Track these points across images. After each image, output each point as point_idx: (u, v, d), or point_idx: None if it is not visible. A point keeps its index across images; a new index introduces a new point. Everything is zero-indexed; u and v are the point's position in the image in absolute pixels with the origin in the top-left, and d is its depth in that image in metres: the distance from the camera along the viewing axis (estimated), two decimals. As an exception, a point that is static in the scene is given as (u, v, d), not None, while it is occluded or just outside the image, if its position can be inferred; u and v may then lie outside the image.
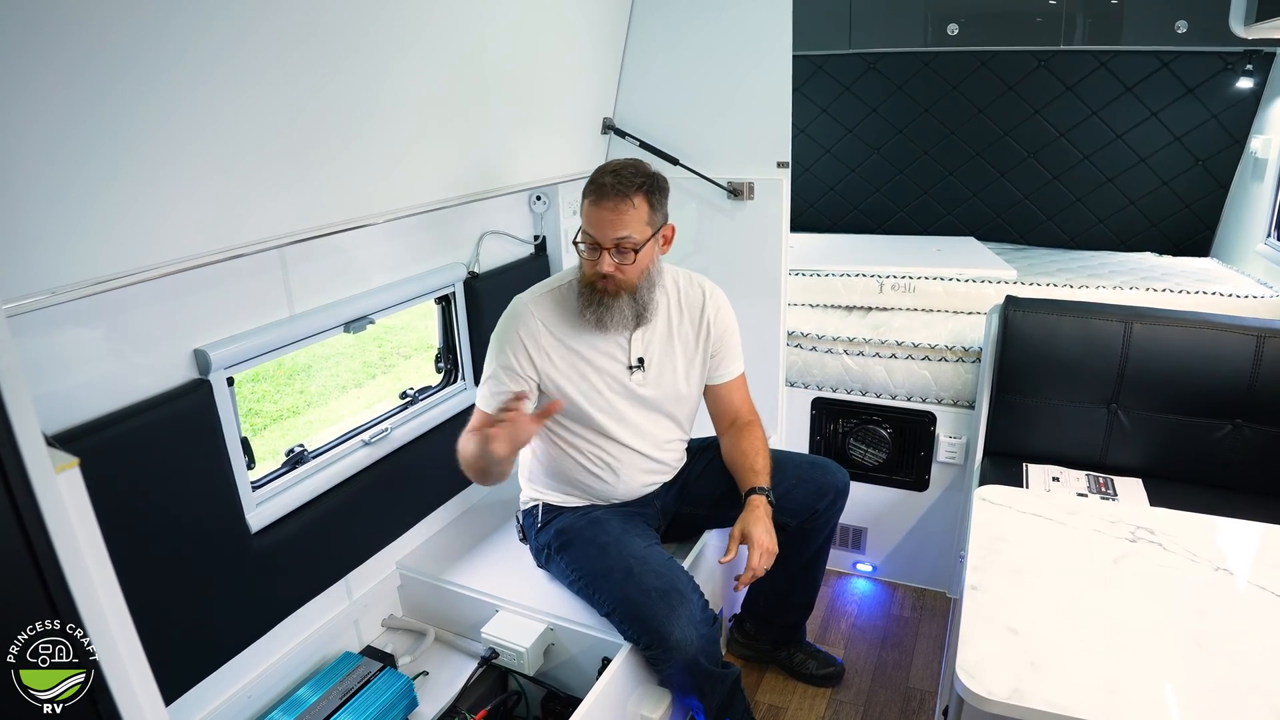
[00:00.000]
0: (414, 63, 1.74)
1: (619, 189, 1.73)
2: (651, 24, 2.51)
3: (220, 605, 1.61)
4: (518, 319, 1.86)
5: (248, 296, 1.67)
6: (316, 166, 1.59)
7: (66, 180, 1.16)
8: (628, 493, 2.01)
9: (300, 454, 1.86)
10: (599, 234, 1.75)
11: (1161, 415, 2.20)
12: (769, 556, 1.82)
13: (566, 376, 1.87)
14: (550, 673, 1.97)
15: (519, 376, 1.84)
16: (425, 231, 2.12)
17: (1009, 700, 1.17)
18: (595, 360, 1.88)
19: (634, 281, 1.81)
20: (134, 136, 1.23)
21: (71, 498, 0.65)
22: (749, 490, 1.90)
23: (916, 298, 2.83)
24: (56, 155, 1.13)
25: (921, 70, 3.43)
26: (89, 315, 1.36)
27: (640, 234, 1.76)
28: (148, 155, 1.26)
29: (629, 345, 1.90)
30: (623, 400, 1.91)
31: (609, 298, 1.80)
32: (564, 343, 1.86)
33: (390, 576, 2.16)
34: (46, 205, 1.14)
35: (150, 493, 1.44)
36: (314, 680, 1.86)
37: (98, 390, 1.39)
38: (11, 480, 0.55)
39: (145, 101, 1.22)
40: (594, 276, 1.79)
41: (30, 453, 0.56)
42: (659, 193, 1.80)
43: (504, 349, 1.85)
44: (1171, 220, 3.28)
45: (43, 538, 0.58)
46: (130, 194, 1.26)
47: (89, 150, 1.17)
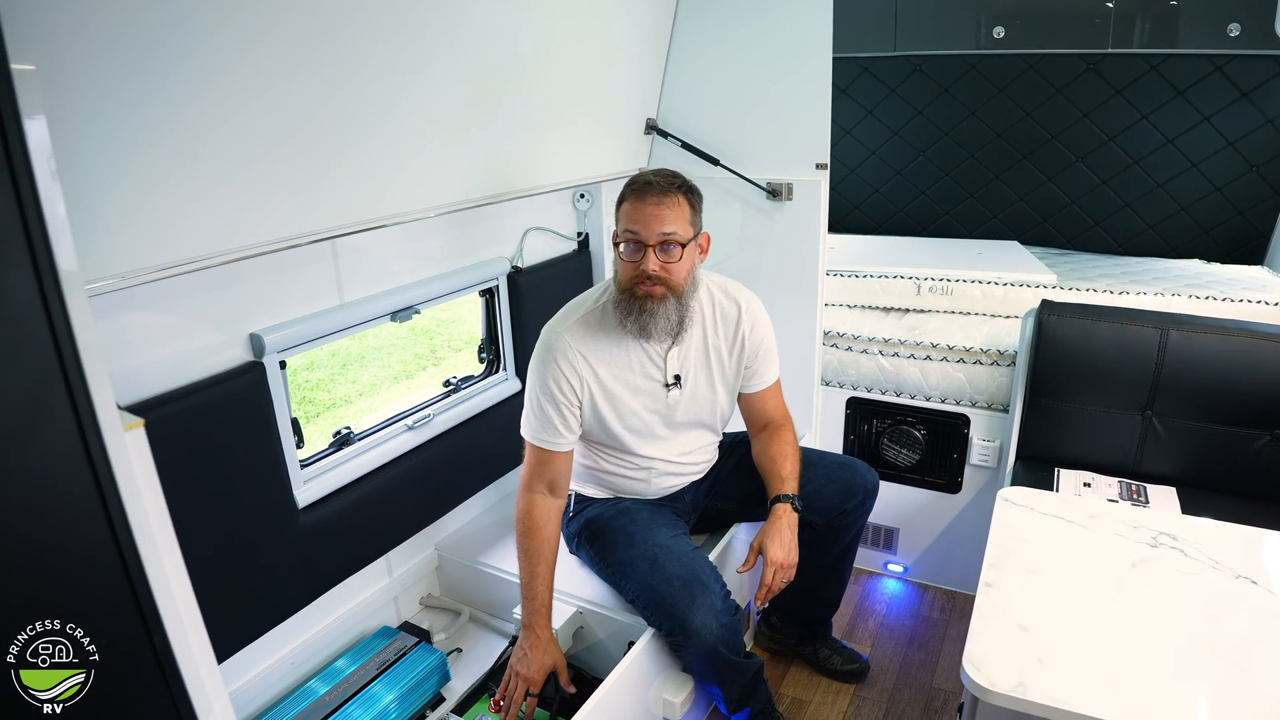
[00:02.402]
0: (463, 63, 1.82)
1: (663, 186, 1.74)
2: (695, 26, 2.56)
3: (267, 574, 1.71)
4: (554, 349, 1.83)
5: (300, 285, 1.77)
6: (367, 162, 1.68)
7: (134, 172, 1.26)
8: (658, 492, 2.06)
9: (347, 436, 1.96)
10: (644, 230, 1.72)
11: (1197, 424, 2.18)
12: (785, 571, 1.84)
13: (607, 402, 1.87)
14: (578, 655, 2.04)
15: (564, 404, 1.83)
16: (471, 226, 2.21)
17: (1012, 693, 1.19)
18: (632, 382, 1.88)
19: (679, 284, 1.78)
20: (197, 134, 1.33)
21: (137, 454, 0.74)
22: (774, 499, 1.92)
23: (954, 300, 2.83)
24: (126, 149, 1.23)
25: (968, 73, 3.41)
26: (154, 299, 1.46)
27: (684, 232, 1.75)
28: (211, 151, 1.36)
29: (665, 363, 1.89)
30: (659, 419, 1.94)
31: (653, 302, 1.76)
32: (601, 368, 1.85)
33: (429, 557, 2.25)
34: (116, 195, 1.24)
35: (206, 465, 1.54)
36: (352, 651, 1.96)
37: (160, 369, 1.50)
38: (88, 437, 0.64)
39: (208, 103, 1.32)
40: (636, 279, 1.76)
41: (103, 413, 0.65)
42: (697, 196, 1.81)
43: (546, 380, 1.83)
44: (1223, 227, 3.22)
45: (112, 489, 0.67)
46: (193, 186, 1.36)
47: (156, 145, 1.27)
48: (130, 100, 1.21)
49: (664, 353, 1.89)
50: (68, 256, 0.64)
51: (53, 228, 0.63)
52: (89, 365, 0.64)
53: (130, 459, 0.70)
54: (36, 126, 0.64)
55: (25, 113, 0.63)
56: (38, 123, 0.64)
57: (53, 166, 0.65)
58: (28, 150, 0.62)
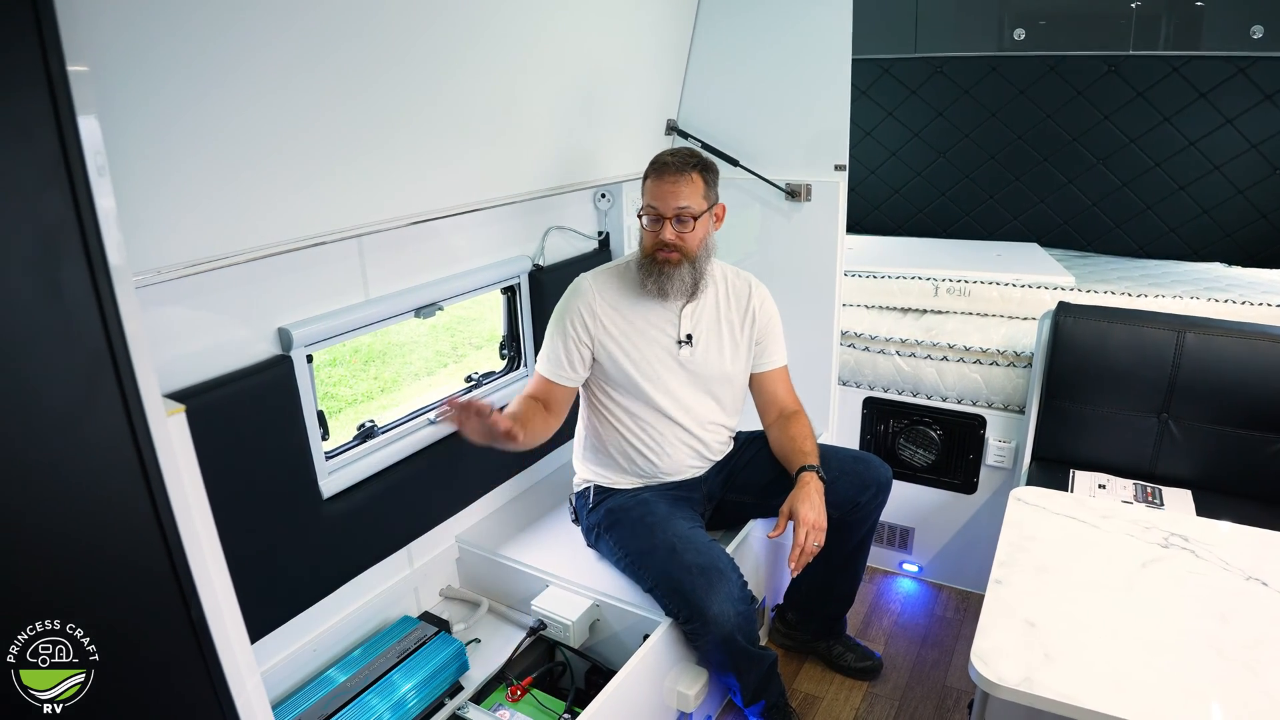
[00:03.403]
0: (487, 66, 1.87)
1: (678, 166, 1.94)
2: (715, 29, 2.59)
3: (291, 562, 1.76)
4: (578, 292, 2.04)
5: (327, 281, 1.82)
6: (393, 163, 1.73)
7: (170, 172, 1.31)
8: (673, 470, 2.10)
9: (370, 429, 2.01)
10: (661, 205, 1.93)
11: (1214, 427, 2.18)
12: (817, 532, 1.88)
13: (618, 344, 2.01)
14: (595, 647, 2.08)
15: (573, 339, 2.00)
16: (493, 225, 2.25)
17: (1018, 687, 1.21)
18: (647, 332, 2.03)
19: (693, 250, 1.97)
20: (230, 136, 1.38)
21: (179, 438, 0.78)
22: (800, 468, 1.97)
23: (971, 301, 2.84)
24: (162, 150, 1.28)
25: (989, 74, 3.41)
26: (186, 294, 1.51)
27: (697, 205, 1.94)
28: (242, 152, 1.41)
29: (679, 321, 2.04)
30: (670, 372, 2.03)
31: (670, 267, 1.96)
32: (619, 312, 2.02)
33: (449, 549, 2.30)
34: (152, 194, 1.29)
35: (235, 454, 1.59)
36: (373, 640, 2.00)
37: (192, 361, 1.55)
38: (134, 420, 0.68)
39: (239, 108, 1.37)
40: (656, 246, 1.96)
41: (148, 398, 0.69)
42: (712, 173, 2.00)
43: (563, 317, 2.02)
44: (1247, 230, 3.20)
45: (155, 469, 0.71)
46: (225, 185, 1.41)
47: (189, 146, 1.32)
48: (166, 102, 1.26)
49: (679, 309, 2.04)
50: (117, 251, 0.68)
51: (103, 223, 0.67)
52: (136, 353, 0.69)
53: (172, 442, 0.74)
54: (89, 125, 0.68)
55: (80, 112, 0.67)
56: (90, 122, 0.68)
57: (100, 164, 0.69)
58: (83, 149, 0.66)
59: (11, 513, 0.65)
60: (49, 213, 0.64)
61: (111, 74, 1.14)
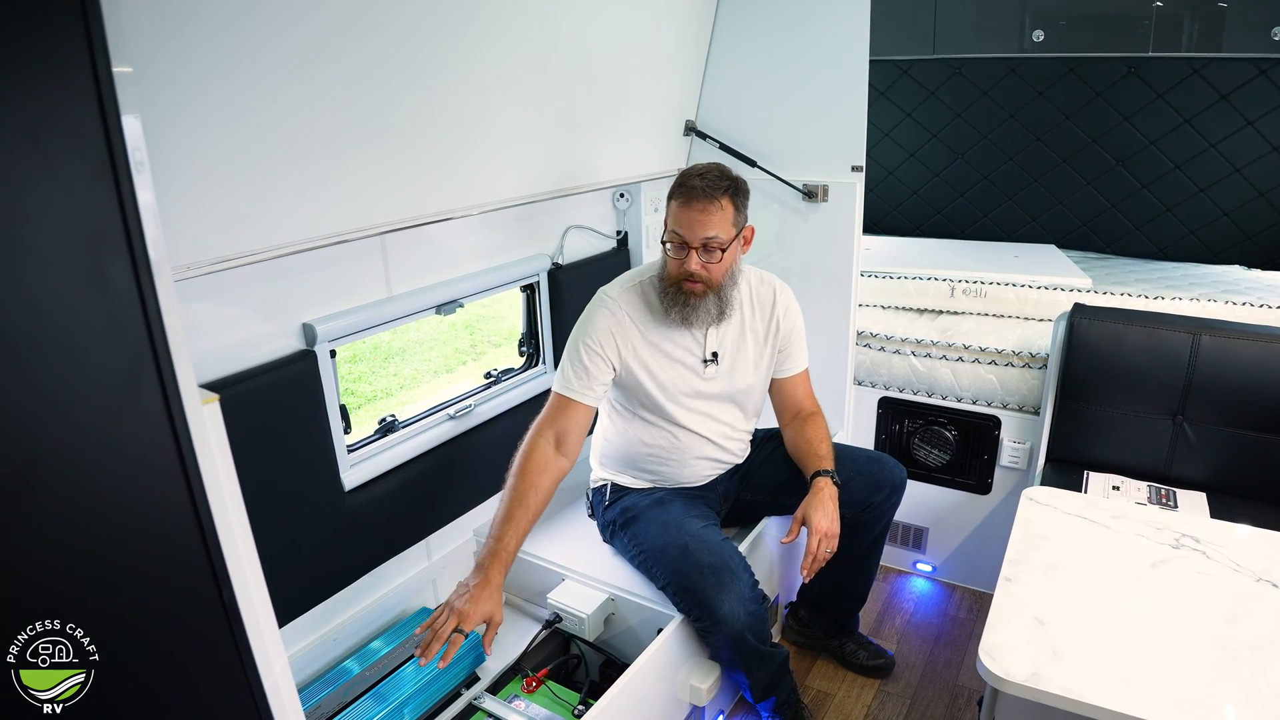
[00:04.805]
0: (507, 66, 1.90)
1: (707, 191, 1.82)
2: (734, 30, 2.61)
3: (313, 552, 1.80)
4: (604, 309, 1.96)
5: (350, 278, 1.86)
6: (416, 162, 1.77)
7: (199, 170, 1.35)
8: (692, 479, 2.12)
9: (391, 423, 2.05)
10: (688, 234, 1.84)
11: (1229, 429, 2.18)
12: (829, 540, 1.89)
13: (644, 365, 1.97)
14: (609, 640, 2.10)
15: (596, 355, 1.92)
16: (513, 224, 2.28)
17: (1025, 683, 1.23)
18: (672, 353, 1.99)
19: (719, 280, 1.90)
20: (258, 136, 1.42)
21: (213, 426, 0.82)
22: (814, 473, 1.98)
23: (987, 303, 2.85)
24: (192, 149, 1.32)
25: (1008, 76, 3.41)
26: (214, 289, 1.55)
27: (726, 234, 1.85)
28: (271, 151, 1.45)
29: (704, 340, 2.00)
30: (694, 390, 2.02)
31: (695, 298, 1.89)
32: (644, 335, 1.96)
33: (467, 543, 2.33)
34: (182, 192, 1.33)
35: (261, 445, 1.63)
36: (391, 631, 2.03)
37: (219, 355, 1.59)
38: (172, 408, 0.72)
39: (266, 107, 1.41)
40: (681, 276, 1.88)
41: (185, 387, 0.73)
42: (742, 195, 1.90)
43: (587, 331, 1.94)
44: (1268, 233, 3.18)
45: (191, 455, 0.74)
46: (252, 184, 1.45)
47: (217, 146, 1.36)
48: (196, 102, 1.30)
49: (705, 332, 1.99)
50: (158, 246, 0.72)
51: (145, 219, 0.71)
52: (174, 344, 0.72)
53: (207, 429, 0.78)
54: (132, 125, 0.72)
55: (124, 112, 0.70)
56: (133, 121, 0.72)
57: (139, 159, 0.72)
58: (127, 148, 0.69)
59: (62, 493, 0.68)
60: (97, 208, 0.67)
61: (149, 75, 1.18)
